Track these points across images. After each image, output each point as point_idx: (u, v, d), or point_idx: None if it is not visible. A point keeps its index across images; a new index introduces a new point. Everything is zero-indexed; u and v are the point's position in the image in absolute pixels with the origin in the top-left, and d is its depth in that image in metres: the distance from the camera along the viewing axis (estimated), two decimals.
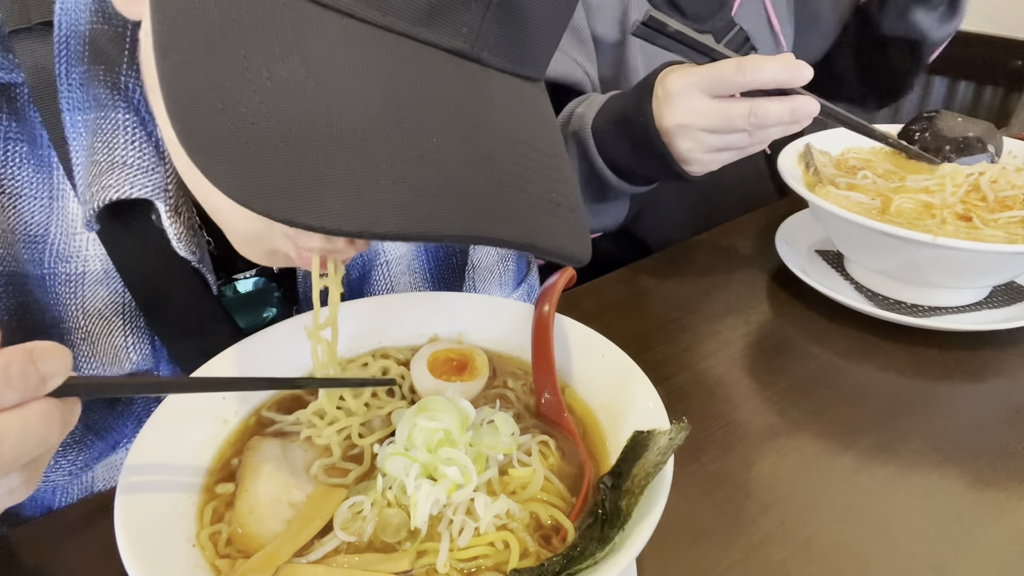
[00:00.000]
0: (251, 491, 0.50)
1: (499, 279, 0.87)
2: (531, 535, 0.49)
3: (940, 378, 0.80)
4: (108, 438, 0.67)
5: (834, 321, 0.88)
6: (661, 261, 1.03)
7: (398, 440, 0.53)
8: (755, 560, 0.58)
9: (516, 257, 0.89)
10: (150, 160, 0.58)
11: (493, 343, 0.67)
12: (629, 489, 0.47)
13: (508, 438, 0.54)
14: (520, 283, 0.90)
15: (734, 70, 0.74)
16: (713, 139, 0.79)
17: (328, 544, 0.48)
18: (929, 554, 0.59)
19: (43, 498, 0.67)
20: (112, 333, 0.64)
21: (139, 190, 0.57)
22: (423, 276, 0.82)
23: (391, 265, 0.79)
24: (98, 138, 0.57)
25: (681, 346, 0.84)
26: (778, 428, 0.72)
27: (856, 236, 0.86)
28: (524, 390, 0.63)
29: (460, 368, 0.62)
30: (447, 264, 0.83)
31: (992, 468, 0.67)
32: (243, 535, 0.48)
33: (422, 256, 0.81)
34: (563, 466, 0.55)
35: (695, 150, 0.80)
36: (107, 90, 0.57)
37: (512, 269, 0.88)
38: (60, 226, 0.60)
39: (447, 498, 0.50)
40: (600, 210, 0.95)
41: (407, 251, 0.80)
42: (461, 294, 0.78)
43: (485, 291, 0.86)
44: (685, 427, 0.48)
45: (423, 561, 0.47)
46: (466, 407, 0.55)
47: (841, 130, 1.04)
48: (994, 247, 0.75)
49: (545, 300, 0.63)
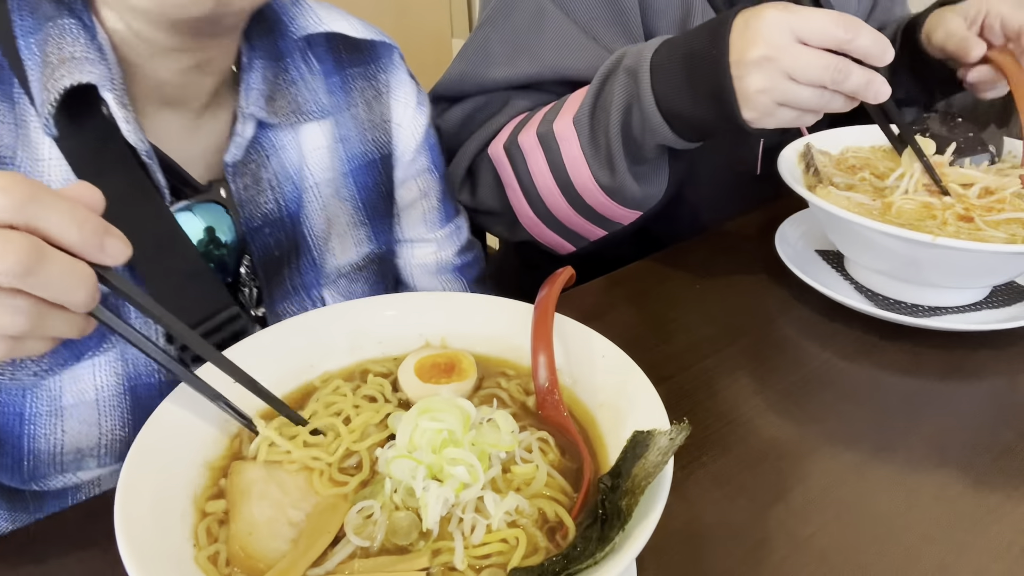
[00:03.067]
0: (245, 513, 0.50)
1: (423, 214, 0.94)
2: (540, 530, 0.49)
3: (940, 378, 0.80)
4: (74, 346, 0.68)
5: (834, 321, 0.88)
6: (661, 261, 1.03)
7: (399, 443, 0.53)
8: (755, 560, 0.58)
9: (440, 195, 0.96)
10: (95, 54, 0.64)
11: (483, 344, 0.67)
12: (629, 489, 0.47)
13: (509, 436, 0.55)
14: (447, 223, 0.97)
15: (838, 24, 0.71)
16: (787, 85, 0.74)
17: (342, 551, 0.48)
18: (929, 554, 0.59)
19: (13, 403, 0.68)
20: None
21: (87, 76, 0.62)
22: (354, 204, 0.86)
23: (320, 188, 0.82)
24: (49, 45, 0.63)
25: (681, 346, 0.84)
26: (778, 428, 0.72)
27: (856, 236, 0.86)
28: (518, 389, 0.63)
29: (448, 370, 0.62)
30: (376, 191, 0.88)
31: (992, 468, 0.67)
32: (246, 556, 0.48)
33: (349, 183, 0.85)
34: (563, 462, 0.55)
35: (765, 92, 0.75)
36: (51, 4, 0.64)
37: (436, 206, 0.95)
38: (26, 151, 0.65)
39: (456, 498, 0.50)
40: (641, 174, 0.91)
41: (332, 175, 0.83)
42: (453, 294, 0.79)
43: (409, 223, 0.94)
44: (685, 427, 0.48)
45: (439, 560, 0.47)
46: (467, 406, 0.55)
47: (841, 130, 1.04)
48: (994, 247, 0.75)
49: (545, 300, 0.63)
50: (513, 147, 0.97)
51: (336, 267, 0.86)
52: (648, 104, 0.83)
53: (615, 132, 0.87)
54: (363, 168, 0.86)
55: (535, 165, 0.96)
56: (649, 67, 0.83)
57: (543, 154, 0.95)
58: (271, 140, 0.77)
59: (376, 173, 0.87)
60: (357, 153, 0.85)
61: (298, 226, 0.81)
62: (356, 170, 0.85)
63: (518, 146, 0.97)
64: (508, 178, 1.00)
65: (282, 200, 0.78)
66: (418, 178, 0.92)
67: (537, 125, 0.96)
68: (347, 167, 0.85)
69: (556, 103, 0.98)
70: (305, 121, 0.79)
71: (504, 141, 0.99)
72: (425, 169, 0.93)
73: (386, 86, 0.87)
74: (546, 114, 0.97)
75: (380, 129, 0.87)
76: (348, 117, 0.84)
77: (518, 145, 0.97)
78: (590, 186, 0.93)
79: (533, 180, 0.97)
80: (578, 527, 0.49)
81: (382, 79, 0.87)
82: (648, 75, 0.83)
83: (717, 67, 0.77)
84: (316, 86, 0.80)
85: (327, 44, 0.83)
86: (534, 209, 1.00)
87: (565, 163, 0.93)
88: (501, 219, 1.06)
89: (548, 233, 1.03)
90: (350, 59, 0.85)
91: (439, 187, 0.95)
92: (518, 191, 1.00)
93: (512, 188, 1.00)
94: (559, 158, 0.93)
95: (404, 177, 0.91)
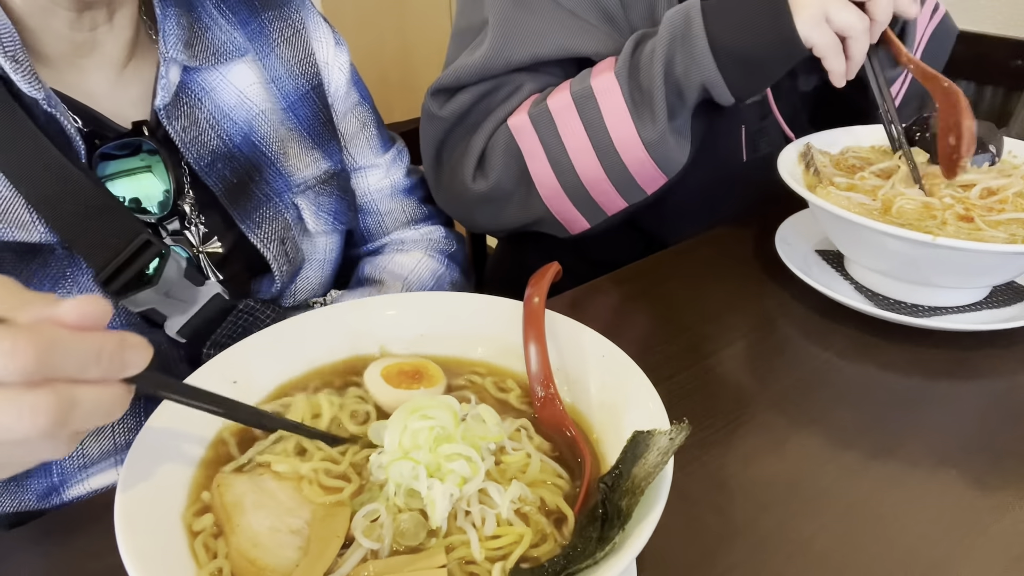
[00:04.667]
0: (244, 526, 0.49)
1: (367, 143, 1.02)
2: (545, 517, 0.50)
3: (940, 378, 0.80)
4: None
5: (834, 321, 0.88)
6: (661, 261, 1.03)
7: (390, 447, 0.53)
8: (755, 560, 0.58)
9: (376, 125, 1.03)
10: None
11: (465, 341, 0.67)
12: (629, 489, 0.47)
13: (496, 427, 0.55)
14: (388, 149, 1.05)
15: None
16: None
17: (354, 556, 0.48)
18: (929, 554, 0.59)
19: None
20: (14, 208, 0.70)
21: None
22: (300, 133, 0.92)
23: (267, 115, 0.88)
24: None
25: (681, 346, 0.84)
26: (778, 428, 0.72)
27: (856, 236, 0.86)
28: (492, 386, 0.63)
29: (416, 377, 0.62)
30: (317, 119, 0.94)
31: (992, 468, 0.67)
32: (256, 570, 0.47)
33: (291, 116, 0.91)
34: (548, 447, 0.57)
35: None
36: None
37: (375, 135, 1.03)
38: None
39: (459, 492, 0.50)
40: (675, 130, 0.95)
41: (273, 107, 0.89)
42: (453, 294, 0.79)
43: (358, 152, 1.01)
44: (685, 427, 0.48)
45: (454, 555, 0.48)
46: (452, 401, 0.55)
47: (841, 130, 1.04)
48: (994, 247, 0.75)
49: (534, 294, 0.64)
50: (540, 113, 0.98)
51: (303, 179, 0.92)
52: (697, 34, 0.88)
53: (659, 76, 0.90)
54: (299, 101, 0.92)
55: (567, 126, 0.97)
56: (700, 3, 0.89)
57: (577, 114, 0.96)
58: (199, 83, 0.82)
59: (312, 103, 0.93)
60: (290, 89, 0.91)
61: (252, 150, 0.86)
62: (293, 104, 0.91)
63: (547, 110, 0.97)
64: (532, 147, 0.99)
65: (224, 136, 0.84)
66: (354, 111, 1.00)
67: (569, 87, 0.97)
68: (284, 103, 0.90)
69: (582, 73, 0.99)
70: (227, 61, 0.84)
71: (528, 110, 0.99)
72: (358, 103, 1.01)
73: (302, 24, 0.93)
74: (575, 80, 0.98)
75: (306, 63, 0.93)
76: (274, 58, 0.90)
77: (547, 109, 0.97)
78: (632, 141, 0.94)
79: (564, 144, 0.97)
80: (578, 527, 0.49)
81: (296, 17, 0.93)
82: (700, 8, 0.89)
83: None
84: (232, 31, 0.86)
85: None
86: (560, 177, 1.00)
87: (605, 119, 0.94)
88: (513, 198, 1.05)
89: (567, 206, 1.02)
90: (262, 4, 0.91)
91: (374, 117, 1.03)
92: (543, 160, 0.99)
93: (536, 157, 1.00)
94: (597, 116, 0.95)
95: (343, 110, 0.98)
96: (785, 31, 0.85)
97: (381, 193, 1.04)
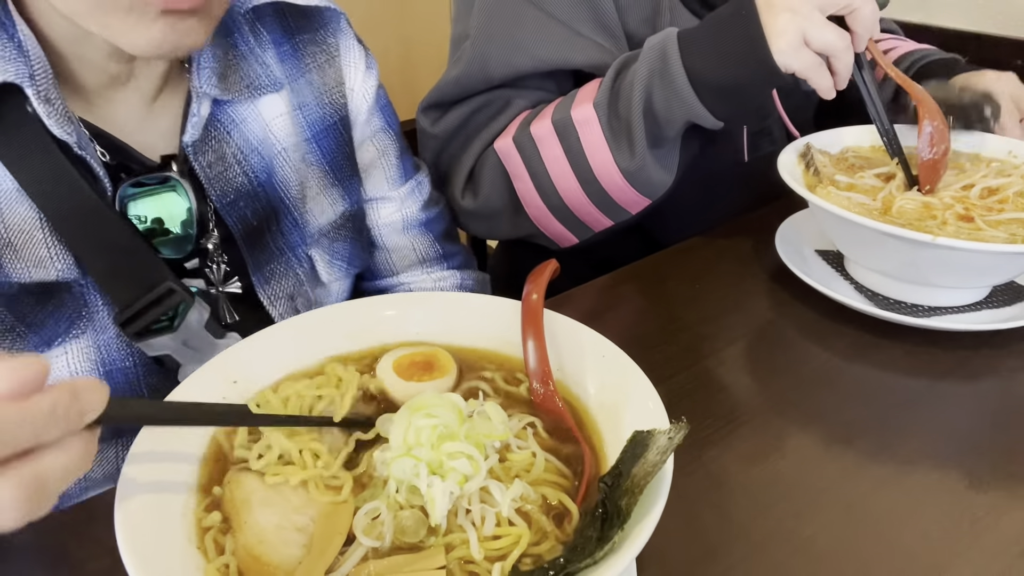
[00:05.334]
0: (251, 523, 0.50)
1: (383, 172, 0.96)
2: (546, 516, 0.50)
3: (940, 378, 0.80)
4: (42, 332, 0.70)
5: (834, 321, 0.88)
6: (661, 261, 1.03)
7: (395, 444, 0.53)
8: (755, 560, 0.58)
9: (398, 153, 0.97)
10: (12, 52, 0.64)
11: (466, 339, 0.67)
12: (629, 489, 0.47)
13: (501, 425, 0.55)
14: (408, 179, 0.98)
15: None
16: (815, 19, 0.82)
17: (355, 554, 0.48)
18: (929, 554, 0.59)
19: None
20: (35, 244, 0.69)
21: (3, 75, 0.63)
22: (321, 168, 0.88)
23: (288, 153, 0.84)
24: None
25: (681, 346, 0.84)
26: (778, 428, 0.72)
27: (856, 236, 0.86)
28: (502, 379, 0.63)
29: (427, 368, 0.63)
30: (340, 153, 0.90)
31: (992, 468, 0.67)
32: (260, 566, 0.47)
33: (314, 148, 0.87)
34: (554, 443, 0.56)
35: (793, 22, 0.82)
36: None
37: (395, 164, 0.97)
38: None
39: (460, 490, 0.50)
40: (658, 158, 0.94)
41: (296, 141, 0.85)
42: (452, 294, 0.80)
43: (372, 183, 0.96)
44: (685, 427, 0.48)
45: (454, 555, 0.48)
46: (458, 400, 0.56)
47: (841, 130, 1.04)
48: (994, 247, 0.75)
49: (533, 291, 0.64)
50: (524, 138, 0.98)
51: (318, 227, 0.88)
52: (675, 70, 0.87)
53: (637, 110, 0.89)
54: (324, 132, 0.88)
55: (549, 153, 0.97)
56: (677, 36, 0.88)
57: (559, 142, 0.96)
58: (229, 115, 0.79)
59: (338, 135, 0.89)
60: (316, 119, 0.87)
61: (273, 192, 0.83)
62: (318, 135, 0.87)
63: (530, 136, 0.97)
64: (517, 170, 1.00)
65: (250, 172, 0.80)
66: (374, 138, 0.94)
67: (551, 115, 0.97)
68: (308, 133, 0.86)
69: (566, 96, 0.99)
70: (260, 95, 0.81)
71: (513, 134, 1.00)
72: (380, 129, 0.95)
73: (336, 49, 0.89)
74: (557, 106, 0.98)
75: (336, 92, 0.88)
76: (303, 84, 0.85)
77: (530, 135, 0.97)
78: (610, 170, 0.94)
79: (547, 169, 0.97)
80: (578, 526, 0.49)
81: (332, 43, 0.88)
82: (676, 42, 0.88)
83: (745, 11, 0.84)
84: (267, 58, 0.82)
85: (274, 13, 0.84)
86: (544, 199, 1.00)
87: (584, 148, 0.94)
88: (502, 216, 1.06)
89: (555, 224, 1.03)
90: (298, 26, 0.86)
91: (396, 145, 0.97)
92: (528, 182, 1.00)
93: (521, 179, 1.00)
94: (577, 144, 0.94)
95: (361, 139, 0.93)
96: (763, 60, 0.83)
97: (391, 228, 0.99)
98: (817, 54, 0.83)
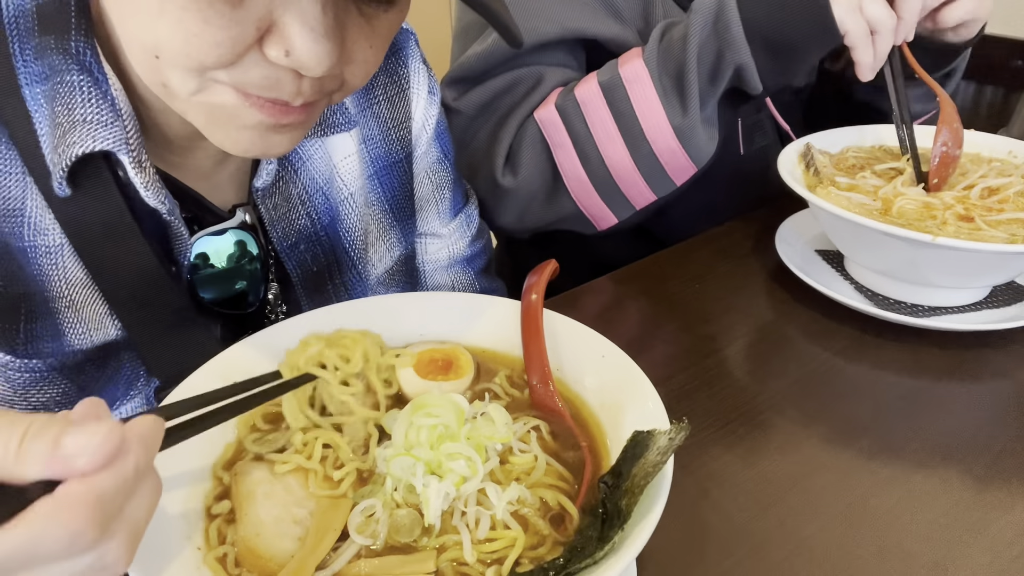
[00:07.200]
0: (251, 514, 0.50)
1: (436, 207, 0.92)
2: (543, 519, 0.50)
3: (940, 378, 0.80)
4: (102, 397, 0.67)
5: (834, 321, 0.88)
6: (661, 261, 1.03)
7: (396, 442, 0.53)
8: (755, 560, 0.58)
9: (452, 186, 0.93)
10: (107, 115, 0.59)
11: (482, 341, 0.67)
12: (629, 489, 0.47)
13: (504, 427, 0.55)
14: (458, 213, 0.96)
15: None
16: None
17: (347, 552, 0.48)
18: (929, 554, 0.59)
19: None
20: (95, 301, 0.66)
21: (101, 143, 0.59)
22: (381, 208, 0.85)
23: (355, 198, 0.81)
24: (57, 102, 0.59)
25: (681, 346, 0.84)
26: (778, 428, 0.72)
27: (856, 236, 0.86)
28: (510, 382, 0.63)
29: (446, 367, 0.63)
30: (402, 192, 0.86)
31: (992, 468, 0.67)
32: (254, 557, 0.48)
33: (375, 185, 0.83)
34: (558, 448, 0.56)
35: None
36: (60, 56, 0.59)
37: (448, 197, 0.93)
38: (35, 200, 0.62)
39: (456, 491, 0.50)
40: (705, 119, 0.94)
41: (361, 182, 0.81)
42: (450, 294, 0.80)
43: (424, 218, 0.92)
44: (685, 427, 0.48)
45: (446, 556, 0.48)
46: (460, 401, 0.56)
47: (841, 130, 1.04)
48: (994, 247, 0.75)
49: (532, 290, 0.64)
50: (568, 102, 0.97)
51: (376, 276, 0.85)
52: (731, 16, 0.88)
53: (692, 59, 0.89)
54: (387, 169, 0.84)
55: (595, 116, 0.96)
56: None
57: (605, 104, 0.95)
58: (297, 153, 0.75)
59: (401, 173, 0.85)
60: (381, 154, 0.83)
61: (337, 240, 0.79)
62: (381, 171, 0.83)
63: (574, 100, 0.96)
64: (560, 139, 0.99)
65: (314, 214, 0.76)
66: (430, 170, 0.90)
67: (596, 77, 0.96)
68: (371, 169, 0.82)
69: (607, 64, 0.98)
70: (333, 133, 0.76)
71: (555, 101, 0.98)
72: (436, 161, 0.90)
73: (407, 80, 0.84)
74: (601, 71, 0.97)
75: (403, 128, 0.84)
76: (370, 116, 0.81)
77: (574, 99, 0.96)
78: (662, 128, 0.93)
79: (592, 134, 0.97)
80: (578, 526, 0.49)
81: (403, 72, 0.84)
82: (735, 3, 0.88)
83: None
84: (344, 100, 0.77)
85: None
86: (588, 170, 0.99)
87: (635, 107, 0.93)
88: (539, 195, 1.04)
89: (595, 200, 1.02)
90: None
91: (450, 176, 0.93)
92: (571, 150, 0.99)
93: (563, 148, 0.99)
94: (626, 104, 0.94)
95: (418, 171, 0.88)
96: (822, 15, 0.85)
97: (435, 264, 0.96)
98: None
